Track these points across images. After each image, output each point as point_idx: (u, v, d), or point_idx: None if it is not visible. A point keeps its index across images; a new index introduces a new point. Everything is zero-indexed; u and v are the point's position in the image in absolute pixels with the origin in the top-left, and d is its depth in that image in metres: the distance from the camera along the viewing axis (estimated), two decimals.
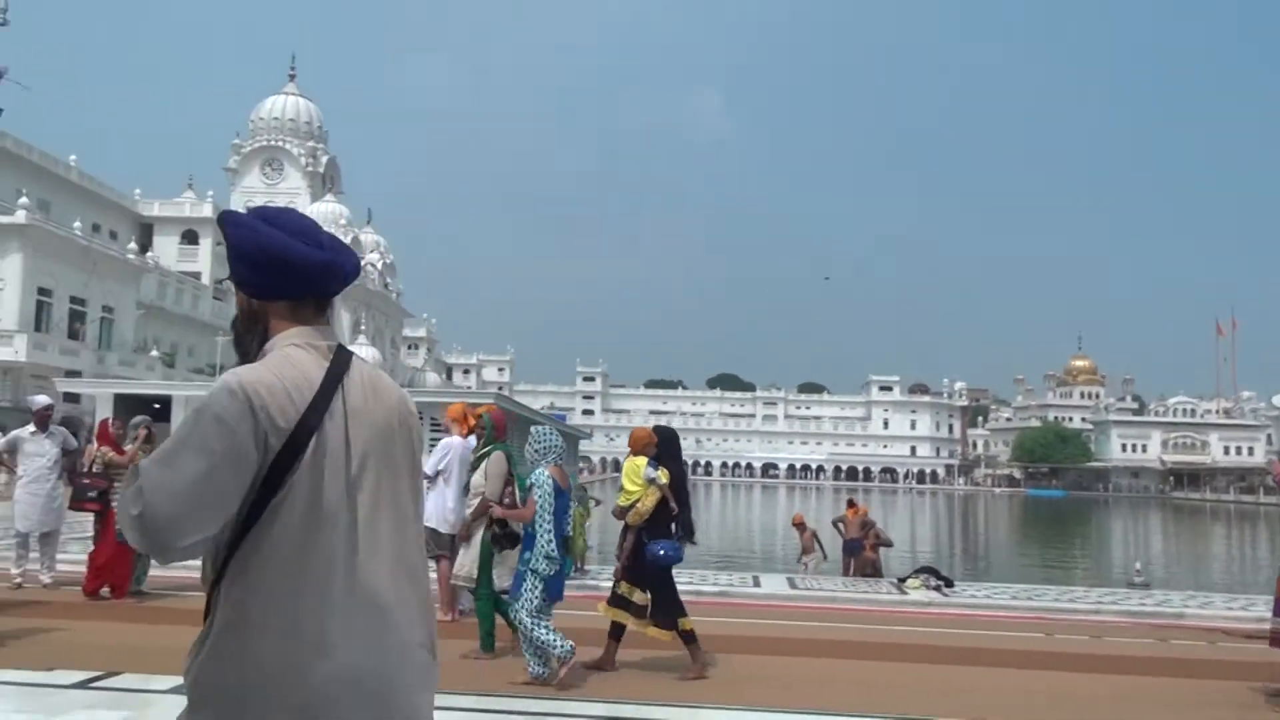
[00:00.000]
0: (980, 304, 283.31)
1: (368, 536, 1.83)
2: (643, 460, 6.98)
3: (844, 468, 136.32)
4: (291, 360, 1.85)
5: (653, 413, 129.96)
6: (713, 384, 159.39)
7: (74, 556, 10.80)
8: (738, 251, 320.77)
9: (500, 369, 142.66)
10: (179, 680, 5.78)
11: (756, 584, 12.43)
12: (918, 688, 6.87)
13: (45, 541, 9.87)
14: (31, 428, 9.87)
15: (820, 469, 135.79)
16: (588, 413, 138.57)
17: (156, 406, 13.99)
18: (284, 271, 1.88)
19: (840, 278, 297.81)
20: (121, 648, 7.09)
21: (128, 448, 9.70)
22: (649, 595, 6.96)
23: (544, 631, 6.34)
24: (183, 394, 17.72)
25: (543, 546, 6.41)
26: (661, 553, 6.81)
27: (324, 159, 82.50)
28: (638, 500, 6.89)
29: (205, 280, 59.33)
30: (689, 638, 6.87)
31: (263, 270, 1.90)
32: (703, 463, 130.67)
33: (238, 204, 77.79)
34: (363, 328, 74.99)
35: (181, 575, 10.80)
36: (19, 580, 9.68)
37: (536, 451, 6.64)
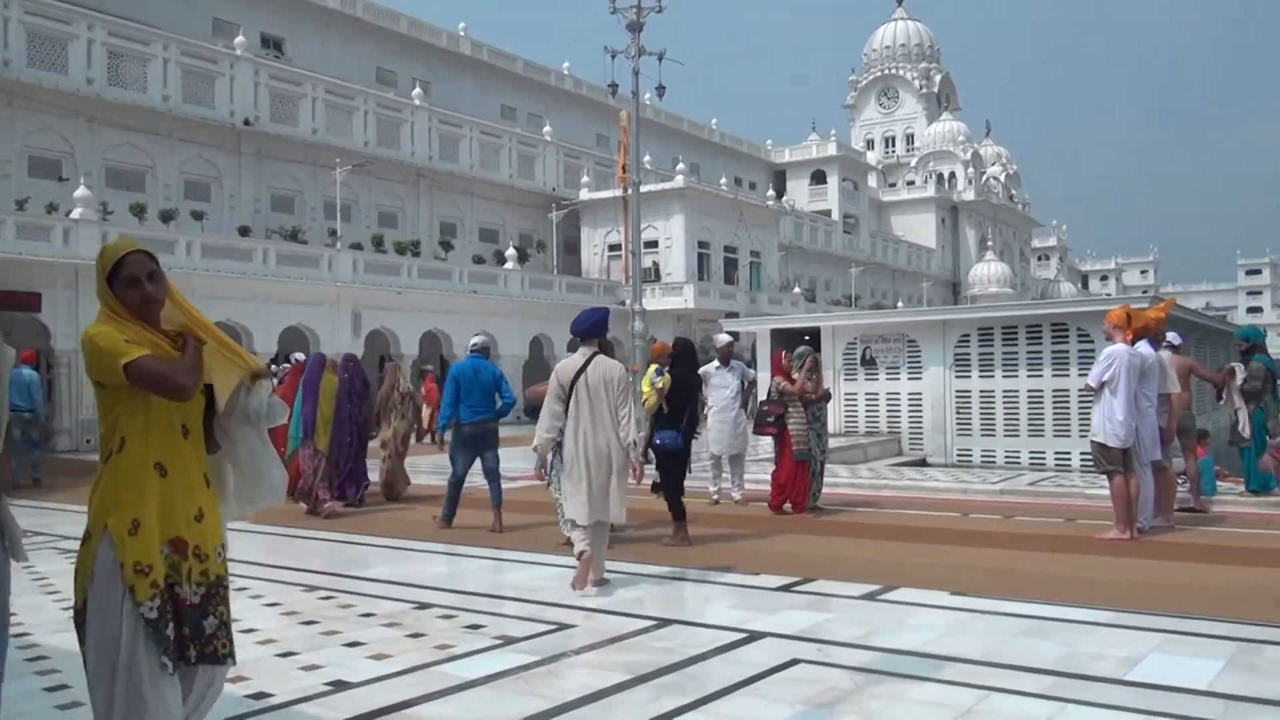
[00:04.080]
0: None
1: (593, 417, 6.59)
2: (653, 368, 9.62)
3: None
4: (572, 359, 6.82)
5: None
6: None
7: (757, 476, 12.07)
8: None
9: (1143, 271, 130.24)
10: (869, 587, 6.22)
11: None
12: None
13: (734, 463, 11.18)
14: (716, 363, 11.15)
15: None
16: (1254, 310, 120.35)
17: (807, 338, 15.02)
18: (575, 330, 7.02)
19: None
20: (812, 556, 7.79)
21: (795, 376, 10.43)
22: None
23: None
24: (829, 324, 18.52)
25: None
26: (659, 441, 8.52)
27: (937, 78, 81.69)
28: (647, 400, 9.62)
29: (834, 216, 62.28)
30: (679, 515, 8.32)
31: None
32: None
33: (858, 139, 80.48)
34: (989, 243, 73.25)
35: (853, 494, 11.56)
36: (715, 497, 11.13)
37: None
